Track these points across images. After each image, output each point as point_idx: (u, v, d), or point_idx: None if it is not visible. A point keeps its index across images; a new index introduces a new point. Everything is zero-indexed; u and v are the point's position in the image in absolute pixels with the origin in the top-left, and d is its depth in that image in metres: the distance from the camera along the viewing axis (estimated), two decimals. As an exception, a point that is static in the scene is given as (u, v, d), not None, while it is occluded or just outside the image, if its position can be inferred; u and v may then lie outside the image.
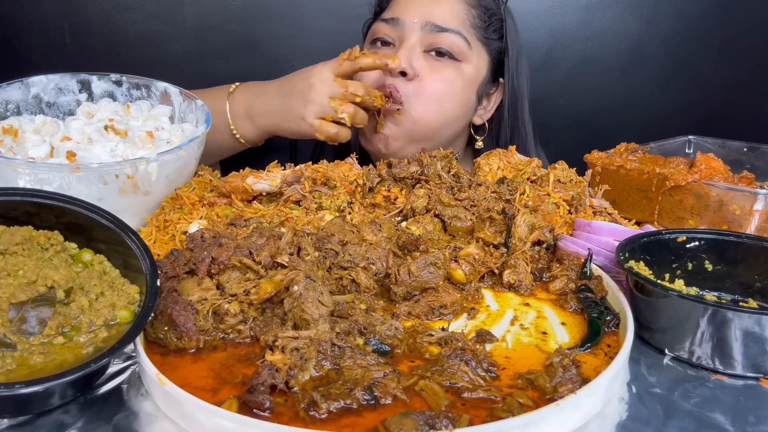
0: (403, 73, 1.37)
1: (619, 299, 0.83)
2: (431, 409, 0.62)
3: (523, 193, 1.06)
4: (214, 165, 1.53)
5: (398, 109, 1.36)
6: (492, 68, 1.50)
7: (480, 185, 1.05)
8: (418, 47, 1.39)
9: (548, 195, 1.08)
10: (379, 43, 1.45)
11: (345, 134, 1.31)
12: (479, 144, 1.56)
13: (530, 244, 0.95)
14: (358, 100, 1.29)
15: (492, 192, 1.03)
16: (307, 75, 1.31)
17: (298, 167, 1.13)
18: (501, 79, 1.53)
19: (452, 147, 1.53)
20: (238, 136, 1.39)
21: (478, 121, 1.56)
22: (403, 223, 1.01)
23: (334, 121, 1.30)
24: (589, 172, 1.24)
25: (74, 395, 0.67)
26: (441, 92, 1.40)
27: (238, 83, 1.42)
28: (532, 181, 1.12)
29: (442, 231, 1.01)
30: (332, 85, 1.28)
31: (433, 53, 1.40)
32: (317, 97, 1.28)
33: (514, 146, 1.20)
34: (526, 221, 0.96)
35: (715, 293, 0.88)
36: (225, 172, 1.17)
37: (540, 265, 0.95)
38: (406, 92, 1.37)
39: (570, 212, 1.09)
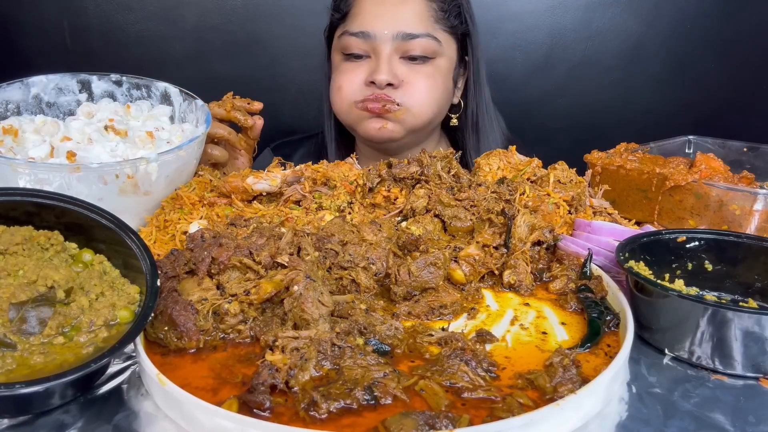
0: (389, 84, 1.42)
1: (619, 299, 0.83)
2: (431, 409, 0.62)
3: (523, 193, 1.06)
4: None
5: (398, 108, 1.44)
6: (459, 50, 1.56)
7: (480, 185, 1.05)
8: (395, 56, 1.45)
9: (548, 195, 1.08)
10: (352, 57, 1.49)
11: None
12: (454, 121, 1.63)
13: (530, 244, 0.95)
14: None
15: (492, 192, 1.03)
16: None
17: (298, 167, 1.13)
18: (466, 57, 1.59)
19: (435, 130, 1.63)
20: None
21: (454, 101, 1.63)
22: (403, 223, 1.01)
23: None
24: (589, 172, 1.24)
25: (74, 395, 0.67)
26: (428, 89, 1.47)
27: None
28: (532, 182, 1.12)
29: (442, 231, 1.01)
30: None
31: (407, 58, 1.46)
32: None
33: (514, 146, 1.20)
34: (526, 221, 0.96)
35: (715, 293, 0.88)
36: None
37: (540, 266, 0.95)
38: (400, 98, 1.44)
39: (570, 212, 1.09)
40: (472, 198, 1.02)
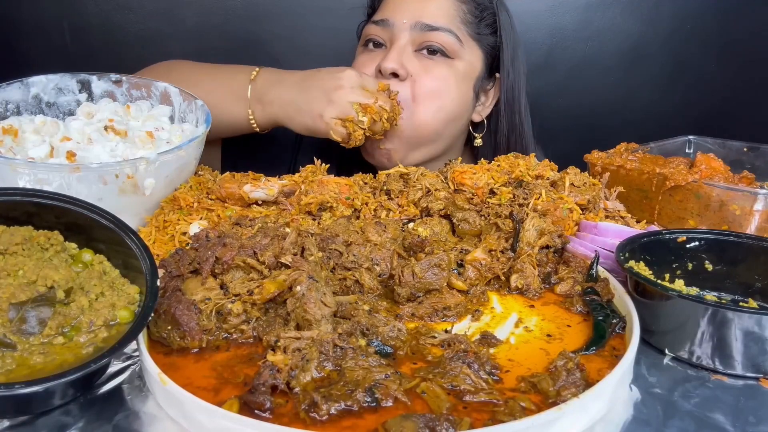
0: (395, 75, 1.35)
1: (625, 302, 0.82)
2: (432, 412, 0.62)
3: (539, 197, 1.03)
4: (215, 152, 1.52)
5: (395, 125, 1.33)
6: (487, 63, 1.49)
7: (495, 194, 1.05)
8: (409, 47, 1.39)
9: (561, 199, 1.04)
10: (371, 45, 1.45)
11: (358, 138, 1.27)
12: (478, 141, 1.55)
13: (538, 248, 0.94)
14: (385, 116, 1.26)
15: (510, 197, 1.02)
16: (338, 75, 1.27)
17: (296, 174, 1.12)
18: (497, 74, 1.52)
19: (453, 147, 1.52)
20: (252, 121, 1.34)
21: (476, 118, 1.54)
22: (410, 225, 1.01)
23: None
24: (606, 174, 1.22)
25: (74, 395, 0.67)
26: (436, 90, 1.38)
27: (258, 68, 1.37)
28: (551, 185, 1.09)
29: (450, 233, 1.01)
30: (361, 93, 1.25)
31: (424, 52, 1.39)
32: (342, 100, 1.24)
33: (533, 154, 1.16)
34: (536, 225, 0.95)
35: (715, 293, 0.88)
36: (225, 170, 1.17)
37: (548, 269, 0.94)
38: (403, 95, 1.34)
39: (583, 214, 1.06)
40: (486, 202, 1.01)
